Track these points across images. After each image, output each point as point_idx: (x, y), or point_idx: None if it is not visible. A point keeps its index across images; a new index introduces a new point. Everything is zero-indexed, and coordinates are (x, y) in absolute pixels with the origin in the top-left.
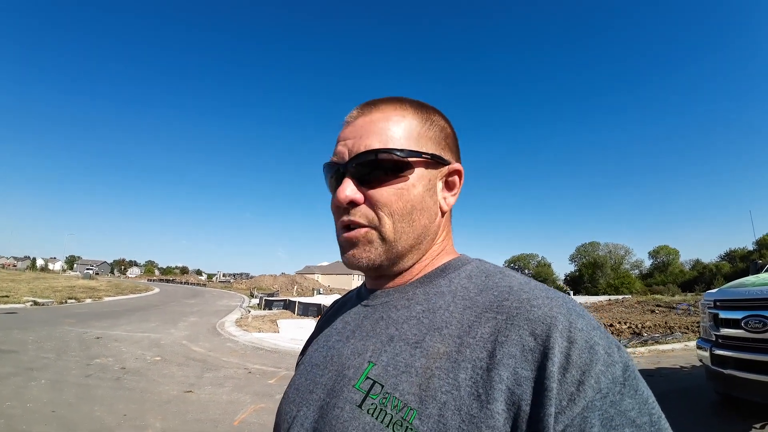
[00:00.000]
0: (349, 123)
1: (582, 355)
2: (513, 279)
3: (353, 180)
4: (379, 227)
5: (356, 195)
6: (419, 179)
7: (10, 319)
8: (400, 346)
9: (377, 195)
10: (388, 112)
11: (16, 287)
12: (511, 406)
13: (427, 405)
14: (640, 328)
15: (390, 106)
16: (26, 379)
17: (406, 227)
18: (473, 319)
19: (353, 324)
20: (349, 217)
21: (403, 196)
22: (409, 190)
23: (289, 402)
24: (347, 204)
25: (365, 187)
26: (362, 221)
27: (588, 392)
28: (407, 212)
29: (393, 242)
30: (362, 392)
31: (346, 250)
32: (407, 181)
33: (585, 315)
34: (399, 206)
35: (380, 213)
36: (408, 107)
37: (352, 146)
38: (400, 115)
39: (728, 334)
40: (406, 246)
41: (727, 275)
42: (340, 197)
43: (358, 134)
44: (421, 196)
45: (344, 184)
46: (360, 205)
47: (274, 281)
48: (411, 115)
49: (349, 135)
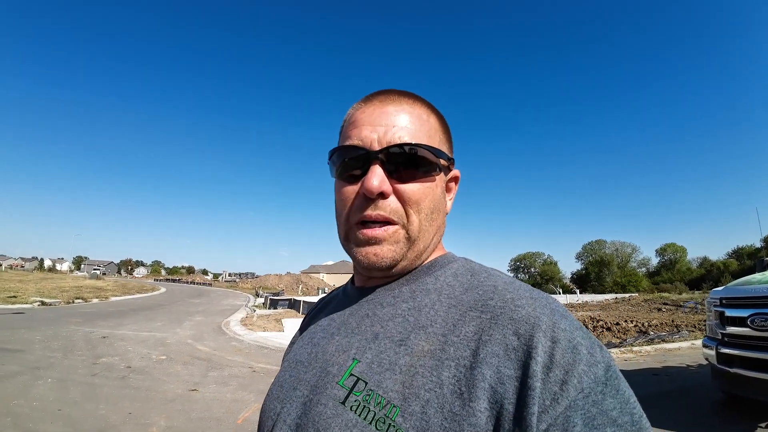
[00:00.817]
0: (375, 107)
1: (565, 354)
2: (498, 278)
3: (384, 170)
4: (407, 225)
5: (387, 186)
6: (440, 181)
7: (18, 319)
8: (384, 344)
9: (408, 190)
10: (416, 107)
11: (23, 287)
12: (494, 405)
13: (410, 402)
14: (647, 326)
15: (417, 101)
16: (33, 378)
17: (428, 227)
18: (458, 318)
19: (339, 321)
20: (377, 211)
21: (429, 195)
22: (434, 190)
23: (272, 399)
24: (376, 195)
25: (395, 179)
26: (392, 217)
27: (571, 392)
28: (431, 211)
29: (416, 241)
30: (346, 389)
31: (364, 246)
32: (434, 181)
33: (568, 315)
34: (426, 205)
35: (409, 210)
36: (430, 107)
37: (384, 134)
38: (426, 114)
39: (734, 332)
40: (425, 246)
41: (735, 273)
42: (371, 186)
43: (390, 122)
44: (440, 197)
45: (373, 172)
46: (388, 198)
47: (279, 280)
48: (434, 116)
49: (380, 120)
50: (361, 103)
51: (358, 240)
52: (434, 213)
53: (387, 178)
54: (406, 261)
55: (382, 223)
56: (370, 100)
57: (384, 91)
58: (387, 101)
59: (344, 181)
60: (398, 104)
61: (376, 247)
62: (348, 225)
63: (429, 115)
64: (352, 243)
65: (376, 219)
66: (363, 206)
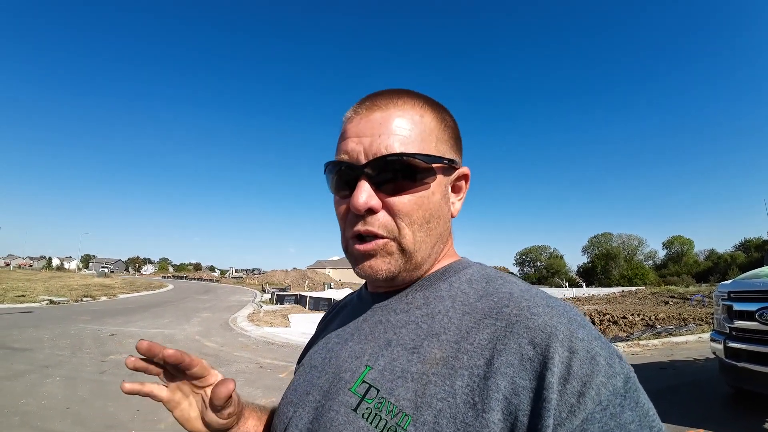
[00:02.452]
0: (361, 116)
1: (583, 365)
2: (514, 285)
3: (371, 185)
4: (398, 238)
5: (375, 202)
6: (437, 186)
7: (27, 318)
8: (397, 351)
9: (398, 203)
10: (406, 109)
11: (32, 286)
12: (508, 416)
13: (423, 412)
14: (654, 319)
15: (407, 102)
16: (41, 376)
17: (425, 237)
18: (472, 326)
19: (352, 327)
20: (366, 227)
21: (423, 205)
22: (429, 198)
23: (286, 403)
24: (364, 212)
25: (383, 192)
26: (381, 232)
27: (588, 404)
28: (426, 221)
29: (412, 253)
30: (358, 396)
31: (360, 261)
32: (428, 188)
33: (586, 324)
34: (419, 215)
35: (400, 223)
36: (425, 105)
37: (370, 145)
38: (419, 114)
39: (742, 326)
40: (424, 256)
41: (742, 265)
42: (357, 204)
43: (376, 132)
44: (439, 203)
45: (360, 188)
46: (377, 213)
47: (286, 276)
48: (429, 114)
49: (365, 131)
50: (350, 111)
51: (354, 254)
52: (431, 222)
53: (376, 192)
54: (405, 272)
55: (374, 237)
56: (357, 108)
57: (371, 96)
58: (373, 108)
59: (339, 197)
60: (385, 109)
61: (371, 261)
62: (345, 239)
63: (423, 115)
64: (351, 256)
65: (366, 234)
66: (354, 222)
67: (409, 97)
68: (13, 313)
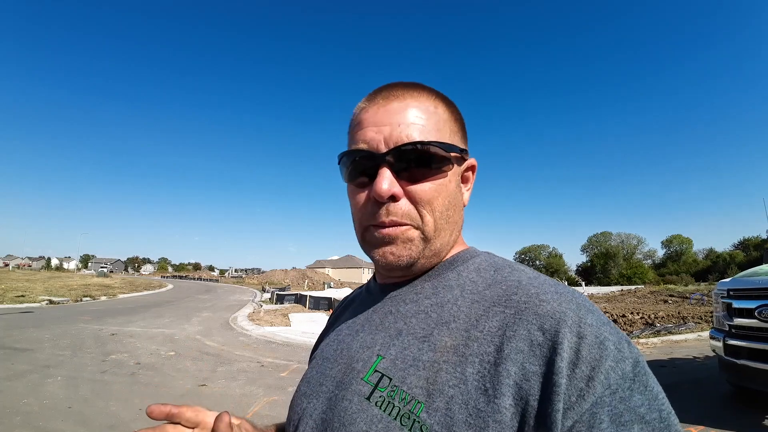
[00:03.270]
0: (379, 106)
1: (592, 350)
2: (522, 273)
3: (393, 172)
4: (421, 225)
5: (397, 189)
6: (453, 175)
7: (27, 318)
8: (408, 340)
9: (419, 191)
10: (422, 100)
11: (31, 287)
12: (519, 401)
13: (435, 399)
14: (653, 318)
15: (422, 93)
16: (42, 376)
17: (444, 224)
18: (481, 313)
19: (363, 318)
20: (390, 216)
21: (442, 193)
22: (447, 186)
23: (300, 395)
24: (387, 199)
25: (404, 181)
26: (405, 220)
27: (597, 388)
28: (446, 209)
29: (432, 240)
30: (370, 385)
31: (380, 246)
32: (446, 177)
33: (594, 310)
34: (440, 203)
35: (422, 210)
36: (438, 98)
37: (390, 134)
38: (433, 105)
39: (741, 323)
40: (443, 243)
41: (741, 264)
42: (381, 191)
43: (395, 121)
44: (455, 192)
45: (383, 176)
46: (399, 201)
47: (286, 276)
48: (442, 106)
49: (384, 120)
50: (364, 102)
51: (374, 240)
52: (449, 210)
53: (397, 180)
54: (424, 259)
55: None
56: (373, 98)
57: (386, 87)
58: (390, 98)
59: (355, 186)
60: (402, 99)
61: (393, 247)
62: (363, 227)
63: (437, 106)
64: (368, 244)
65: (390, 225)
66: (375, 211)
67: (424, 89)
68: (13, 314)
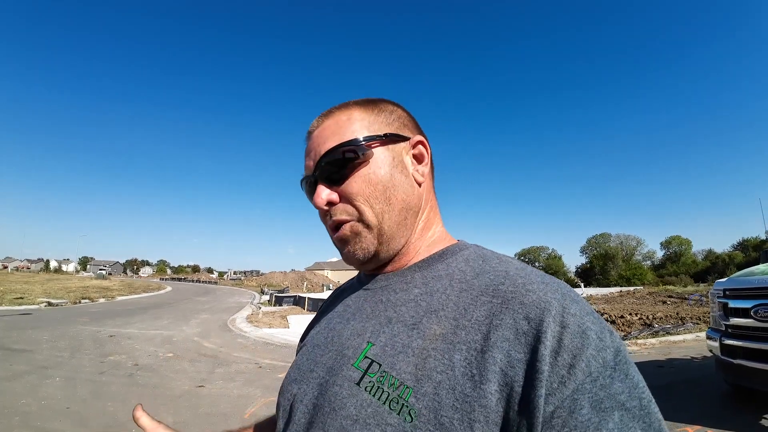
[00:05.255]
0: (308, 140)
1: (574, 339)
2: (509, 264)
3: (324, 184)
4: (360, 217)
5: (331, 196)
6: (382, 160)
7: (25, 320)
8: (398, 328)
9: (348, 188)
10: (336, 116)
11: (30, 288)
12: (504, 387)
13: (423, 384)
14: (651, 319)
15: (334, 112)
16: (41, 377)
17: (385, 207)
18: (469, 302)
19: (354, 307)
20: (332, 217)
21: (371, 181)
22: (375, 172)
23: (290, 381)
24: (326, 206)
25: (336, 186)
26: (344, 217)
27: (578, 375)
28: (380, 193)
29: (378, 225)
30: (360, 371)
31: (341, 249)
32: (367, 165)
33: (579, 300)
34: (370, 191)
35: (357, 204)
36: (352, 106)
37: (315, 156)
38: (346, 115)
39: (738, 323)
40: (392, 225)
41: (740, 265)
42: (317, 203)
43: (317, 143)
44: (389, 174)
45: (317, 190)
46: (338, 204)
47: (284, 278)
48: (357, 110)
49: (311, 147)
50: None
51: (336, 244)
52: (386, 192)
53: (332, 189)
54: (382, 247)
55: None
56: (308, 133)
57: (314, 121)
58: (314, 129)
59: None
60: (320, 127)
61: (348, 246)
62: (330, 237)
63: (350, 115)
64: (337, 248)
65: (337, 224)
66: (326, 219)
67: (336, 108)
68: (11, 315)
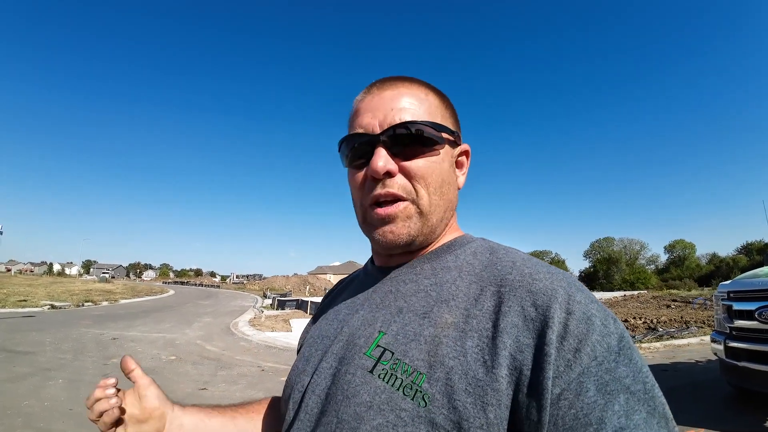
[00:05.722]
0: (373, 95)
1: (579, 325)
2: (516, 255)
3: (388, 151)
4: (416, 200)
5: (392, 165)
6: (446, 155)
7: (28, 322)
8: (409, 317)
9: (414, 166)
10: (413, 89)
11: (33, 291)
12: (513, 371)
13: (436, 370)
14: (656, 323)
15: (414, 83)
16: (44, 379)
17: (439, 200)
18: (478, 293)
19: (362, 298)
20: (386, 189)
21: (436, 170)
22: (440, 164)
23: (299, 372)
24: (383, 175)
25: (399, 158)
26: (401, 193)
27: (584, 359)
28: (439, 185)
29: (428, 215)
30: (373, 359)
31: (380, 226)
32: (438, 155)
33: (583, 289)
34: (433, 179)
35: (417, 185)
36: (428, 87)
37: (384, 118)
38: (424, 93)
39: (742, 325)
40: (438, 219)
41: (744, 268)
42: (376, 167)
43: (388, 106)
44: (448, 170)
45: (378, 154)
46: (395, 176)
47: (287, 282)
48: (432, 94)
49: (378, 106)
50: (361, 94)
51: (373, 220)
52: (443, 186)
53: (392, 158)
54: (422, 236)
55: (393, 201)
56: (369, 89)
57: (381, 79)
58: (384, 87)
59: (354, 168)
60: (395, 88)
61: (391, 226)
62: (363, 208)
63: (427, 94)
64: (369, 225)
65: (387, 197)
66: (373, 187)
67: (415, 80)
68: (15, 318)
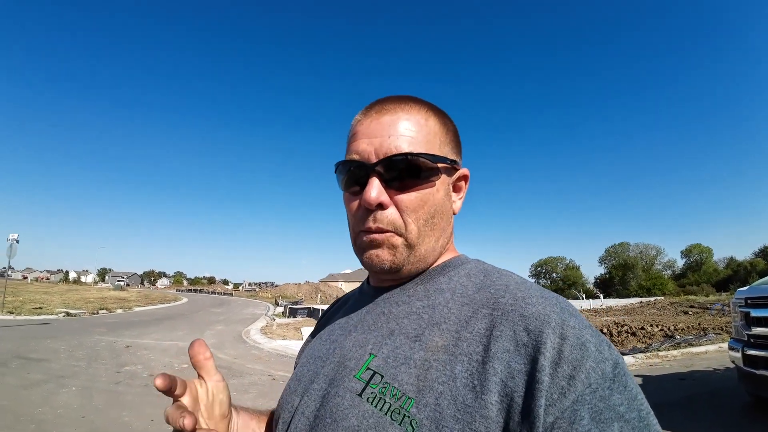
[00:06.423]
0: (371, 119)
1: (573, 351)
2: (510, 278)
3: (381, 181)
4: (405, 233)
5: (385, 197)
6: (441, 184)
7: (44, 329)
8: (400, 340)
9: (405, 200)
10: (412, 113)
11: (49, 299)
12: (504, 398)
13: (425, 394)
14: (673, 330)
15: (414, 107)
16: (57, 386)
17: (428, 231)
18: (470, 315)
19: (356, 318)
20: (376, 223)
21: (428, 202)
22: (434, 195)
23: (290, 392)
24: (375, 206)
25: (392, 190)
26: (389, 228)
27: (578, 386)
28: (431, 217)
29: (416, 246)
30: (363, 382)
31: (367, 250)
32: (433, 186)
33: (577, 314)
34: (424, 211)
35: (407, 219)
36: (429, 110)
37: (380, 146)
38: (424, 117)
39: (760, 333)
40: (427, 249)
41: (762, 272)
42: (369, 199)
43: (386, 133)
44: (442, 200)
45: (372, 185)
46: (386, 209)
47: (298, 289)
48: (433, 118)
49: (375, 132)
50: (360, 115)
51: (362, 244)
52: (435, 218)
53: (386, 189)
54: (410, 265)
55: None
56: (367, 111)
57: (380, 101)
58: (382, 111)
59: (349, 194)
60: (393, 113)
61: (378, 250)
62: (355, 233)
63: (428, 119)
64: (359, 248)
65: (376, 231)
66: (364, 217)
67: (415, 103)
68: (30, 325)
